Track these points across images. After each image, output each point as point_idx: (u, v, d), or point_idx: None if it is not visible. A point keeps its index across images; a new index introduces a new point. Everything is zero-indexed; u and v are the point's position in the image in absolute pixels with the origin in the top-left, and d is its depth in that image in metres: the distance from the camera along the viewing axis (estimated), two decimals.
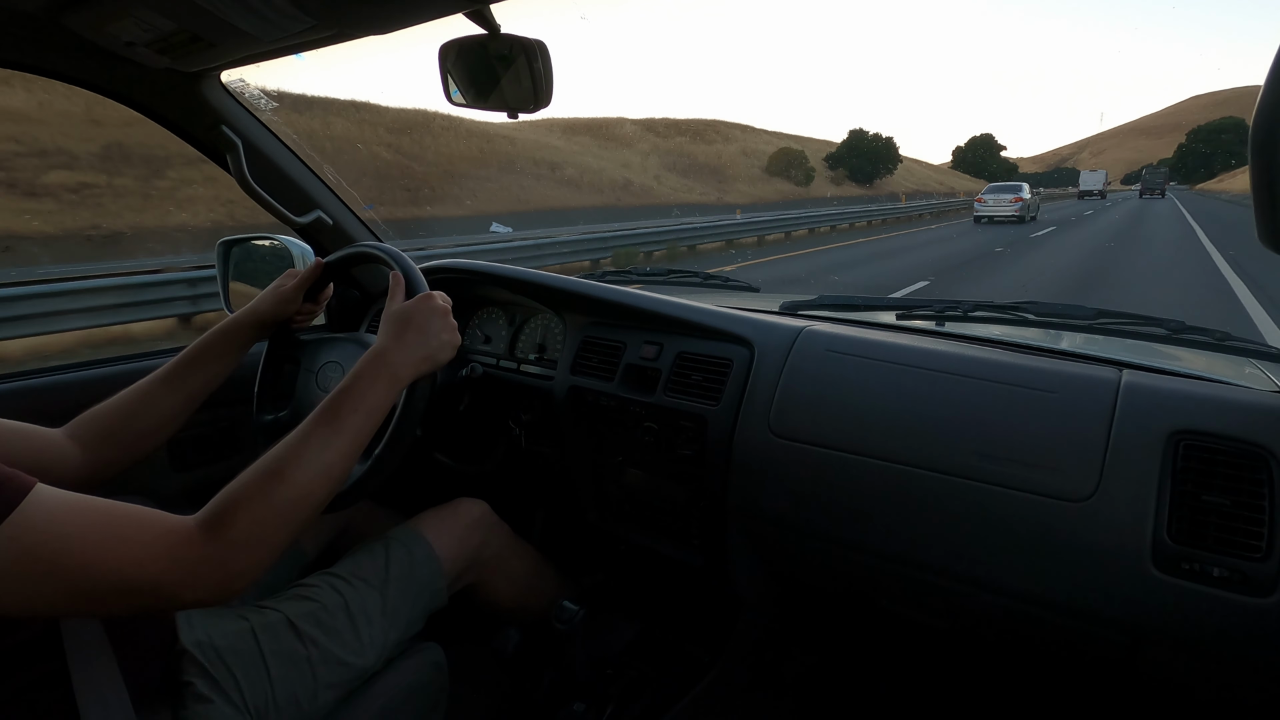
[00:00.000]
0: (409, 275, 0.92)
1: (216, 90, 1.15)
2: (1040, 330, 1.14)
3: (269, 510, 0.62)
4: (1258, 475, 0.71)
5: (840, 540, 0.94)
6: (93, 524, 0.54)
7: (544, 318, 1.33)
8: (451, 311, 0.88)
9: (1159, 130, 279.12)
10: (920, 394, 0.91)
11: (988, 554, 0.83)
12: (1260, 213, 0.49)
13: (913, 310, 1.18)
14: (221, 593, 0.59)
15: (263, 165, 1.25)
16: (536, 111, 0.96)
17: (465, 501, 1.13)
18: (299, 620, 0.86)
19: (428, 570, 1.00)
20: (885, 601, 0.99)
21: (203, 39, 0.90)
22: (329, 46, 0.95)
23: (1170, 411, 0.77)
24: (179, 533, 0.58)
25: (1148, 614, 0.73)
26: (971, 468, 0.83)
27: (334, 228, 1.38)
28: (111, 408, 0.84)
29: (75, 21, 0.85)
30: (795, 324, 1.08)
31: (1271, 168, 0.46)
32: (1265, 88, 0.44)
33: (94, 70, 1.02)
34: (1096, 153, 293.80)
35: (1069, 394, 0.83)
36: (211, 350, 0.92)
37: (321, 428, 0.70)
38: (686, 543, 1.16)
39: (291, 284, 1.00)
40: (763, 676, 1.25)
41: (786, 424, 0.97)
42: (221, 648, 0.80)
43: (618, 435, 1.18)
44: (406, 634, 0.95)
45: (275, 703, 0.80)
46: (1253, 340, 0.98)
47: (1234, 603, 0.69)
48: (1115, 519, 0.74)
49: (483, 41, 0.90)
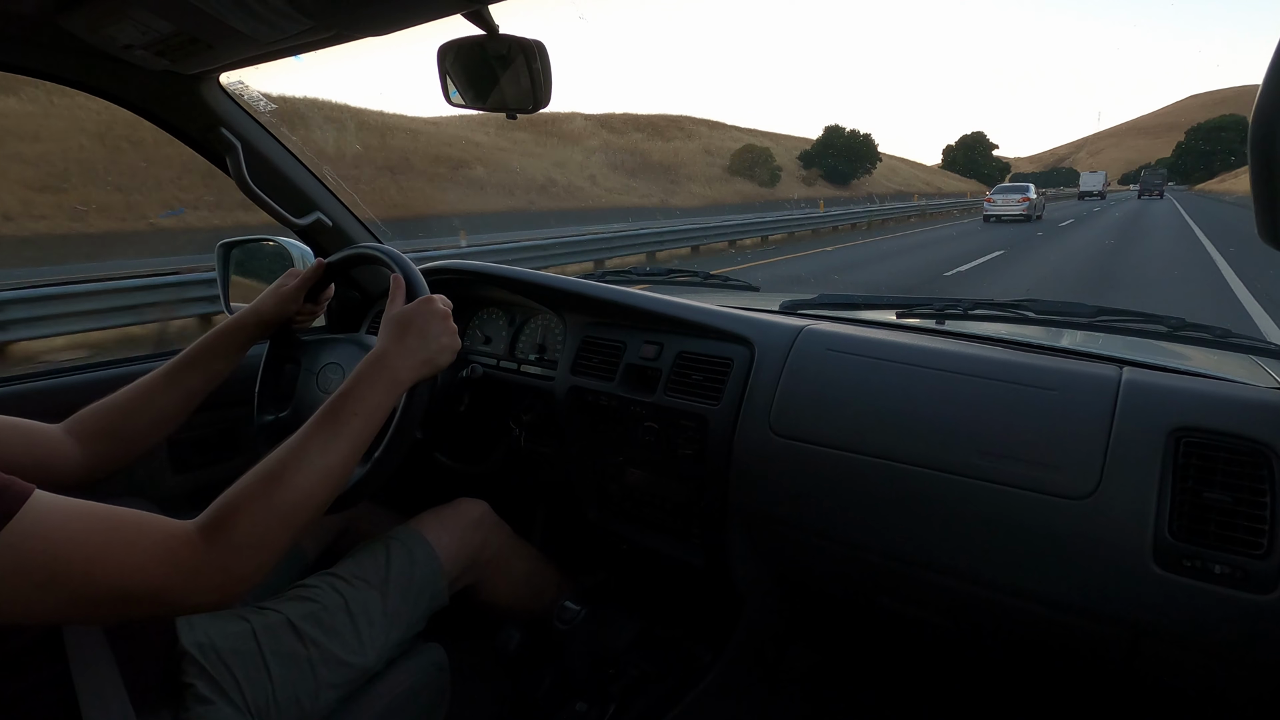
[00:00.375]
0: (410, 278, 0.92)
1: (215, 92, 1.15)
2: (1041, 328, 1.14)
3: (270, 514, 0.62)
4: (1259, 472, 0.71)
5: (841, 539, 0.94)
6: (92, 530, 0.54)
7: (544, 318, 1.33)
8: (452, 314, 0.88)
9: (1157, 130, 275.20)
10: (921, 392, 0.91)
11: (989, 552, 0.83)
12: (1260, 210, 0.49)
13: (913, 309, 1.18)
14: (223, 597, 0.59)
15: (262, 167, 1.25)
16: (536, 111, 0.96)
17: (466, 501, 1.13)
18: (300, 621, 0.86)
19: (428, 570, 1.00)
20: (886, 600, 0.99)
21: (201, 41, 0.90)
22: (328, 48, 0.95)
23: (1171, 409, 0.77)
24: (179, 538, 0.58)
25: (1148, 611, 0.73)
26: (972, 466, 0.83)
27: (334, 229, 1.38)
28: (111, 405, 0.84)
29: (72, 23, 0.85)
30: (795, 323, 1.08)
31: (1271, 165, 0.46)
32: (1264, 85, 0.44)
33: (92, 72, 1.02)
34: (1094, 152, 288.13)
35: (1070, 392, 0.83)
36: (212, 349, 0.92)
37: (321, 431, 0.70)
38: (687, 542, 1.16)
39: (293, 284, 1.00)
40: (764, 675, 1.25)
41: (787, 423, 0.97)
42: (222, 649, 0.80)
43: (618, 435, 1.18)
44: (408, 634, 0.95)
45: (276, 703, 0.80)
46: (1253, 337, 0.98)
47: (1235, 599, 0.69)
48: (1116, 516, 0.74)
49: (481, 42, 0.90)
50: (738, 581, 1.11)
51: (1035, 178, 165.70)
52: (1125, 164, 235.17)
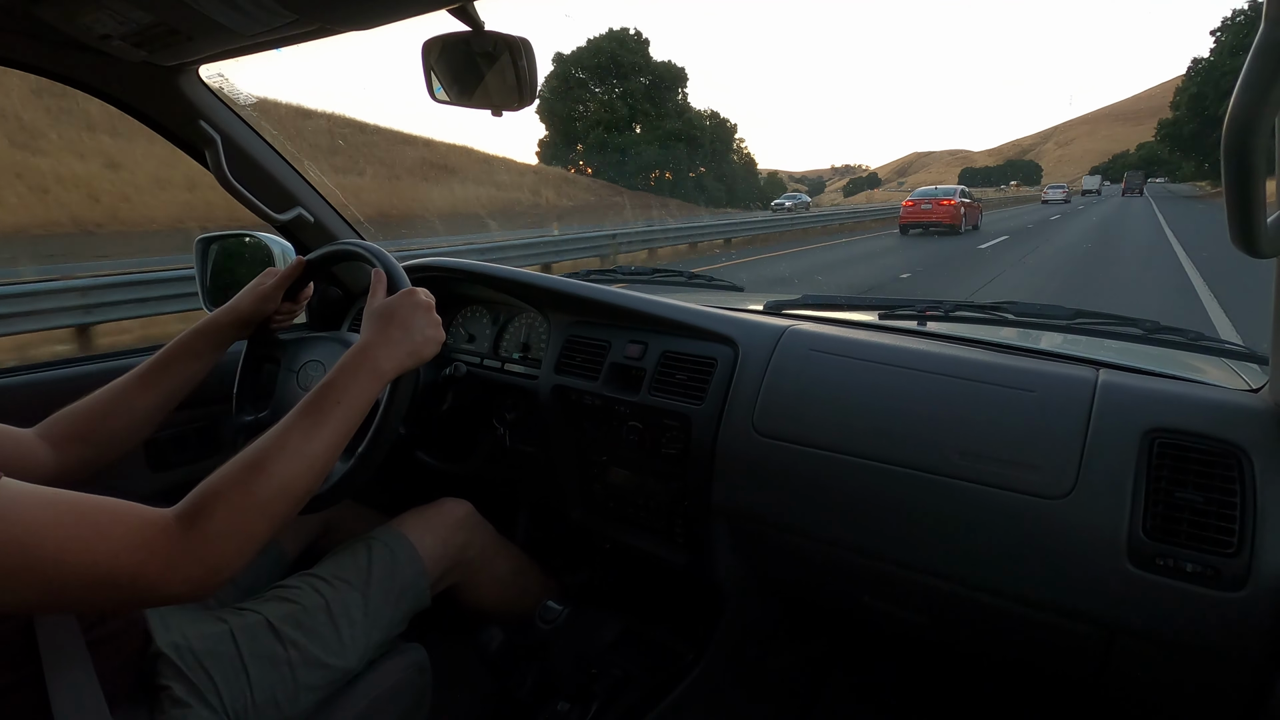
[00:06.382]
0: (391, 272, 0.91)
1: (195, 85, 1.13)
2: (1020, 330, 1.16)
3: (249, 502, 0.61)
4: (1229, 472, 0.72)
5: (823, 538, 0.95)
6: (64, 516, 0.52)
7: (528, 316, 1.33)
8: (435, 308, 0.87)
9: (1138, 115, 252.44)
10: (902, 393, 0.92)
11: (967, 550, 0.84)
12: (1233, 215, 0.50)
13: (895, 310, 1.19)
14: (200, 587, 0.58)
15: (242, 161, 1.23)
16: (521, 109, 0.96)
17: (449, 501, 1.12)
18: (279, 622, 0.85)
19: (411, 570, 0.99)
20: (867, 598, 1.00)
21: (180, 32, 0.88)
22: (310, 42, 0.94)
23: (1145, 410, 0.79)
24: (156, 525, 0.56)
25: (1123, 609, 0.75)
26: (952, 466, 0.84)
27: (315, 225, 1.37)
28: (85, 407, 0.82)
29: (47, 12, 0.83)
30: (779, 323, 1.09)
31: (1245, 169, 0.46)
32: (1239, 88, 0.44)
33: (68, 63, 1.00)
34: (1063, 143, 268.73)
35: (1047, 393, 0.84)
36: (189, 349, 0.91)
37: (304, 420, 0.69)
38: (670, 541, 1.16)
39: (272, 282, 0.99)
40: (746, 673, 1.26)
41: (770, 423, 0.98)
42: (199, 650, 0.79)
43: (602, 434, 1.18)
44: (389, 635, 0.94)
45: (254, 706, 0.79)
46: (1225, 340, 1.00)
47: (1207, 597, 0.70)
48: (1092, 515, 0.76)
49: (466, 38, 0.89)
50: (721, 581, 1.12)
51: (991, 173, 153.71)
52: (1099, 154, 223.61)
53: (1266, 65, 0.43)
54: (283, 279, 1.00)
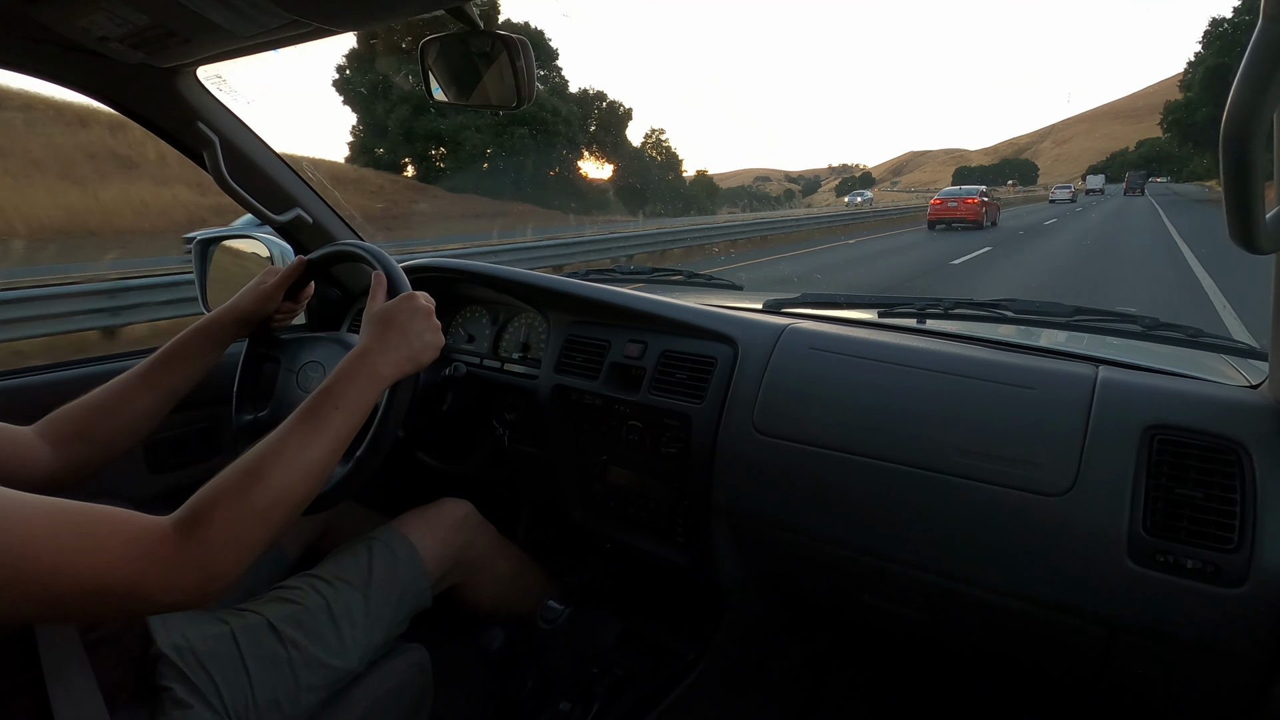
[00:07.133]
0: (391, 275, 0.91)
1: (192, 86, 1.13)
2: (1019, 327, 1.15)
3: (248, 510, 0.61)
4: (1229, 468, 0.72)
5: (824, 537, 0.95)
6: (62, 525, 0.52)
7: (528, 316, 1.33)
8: (435, 312, 0.87)
9: (1138, 113, 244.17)
10: (902, 391, 0.92)
11: (968, 548, 0.84)
12: (1231, 210, 0.50)
13: (894, 308, 1.19)
14: (199, 595, 0.58)
15: (240, 162, 1.23)
16: (520, 108, 0.96)
17: (449, 501, 1.12)
18: (280, 623, 0.85)
19: (411, 571, 0.99)
20: (869, 596, 1.00)
21: (177, 34, 0.88)
22: (307, 43, 0.94)
23: (1144, 407, 0.79)
24: (154, 533, 0.56)
25: (1123, 606, 0.75)
26: (952, 463, 0.84)
27: (314, 226, 1.37)
28: (85, 405, 0.82)
29: (44, 14, 0.83)
30: (779, 322, 1.09)
31: (1243, 165, 0.46)
32: (1237, 84, 0.44)
33: (65, 65, 1.00)
34: (1061, 141, 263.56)
35: (1047, 390, 0.84)
36: (189, 348, 0.91)
37: (302, 426, 0.69)
38: (671, 540, 1.16)
39: (272, 281, 0.99)
40: (748, 673, 1.26)
41: (770, 422, 0.98)
42: (200, 652, 0.79)
43: (602, 434, 1.18)
44: (390, 635, 0.94)
45: (256, 706, 0.79)
46: (1224, 336, 1.00)
47: (1207, 593, 0.70)
48: (1092, 513, 0.76)
49: (464, 38, 0.89)
50: (722, 580, 1.11)
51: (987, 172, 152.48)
52: (1096, 153, 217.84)
53: (1265, 61, 0.42)
54: (284, 278, 1.00)
